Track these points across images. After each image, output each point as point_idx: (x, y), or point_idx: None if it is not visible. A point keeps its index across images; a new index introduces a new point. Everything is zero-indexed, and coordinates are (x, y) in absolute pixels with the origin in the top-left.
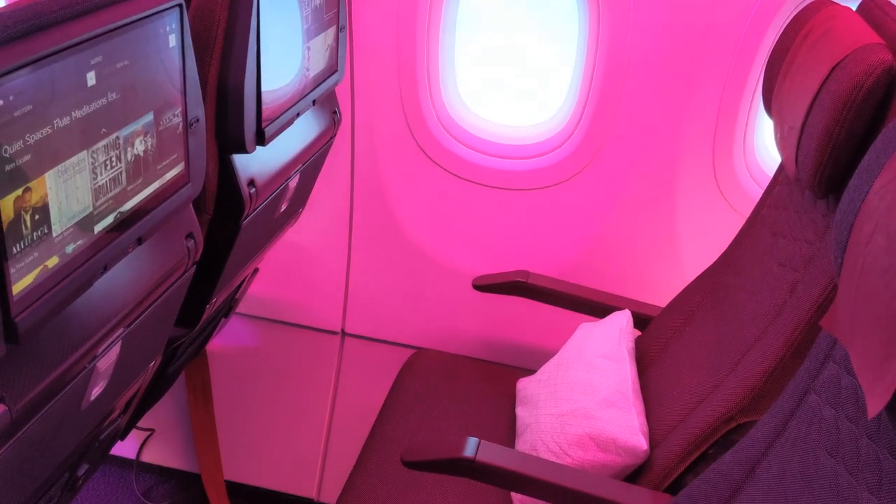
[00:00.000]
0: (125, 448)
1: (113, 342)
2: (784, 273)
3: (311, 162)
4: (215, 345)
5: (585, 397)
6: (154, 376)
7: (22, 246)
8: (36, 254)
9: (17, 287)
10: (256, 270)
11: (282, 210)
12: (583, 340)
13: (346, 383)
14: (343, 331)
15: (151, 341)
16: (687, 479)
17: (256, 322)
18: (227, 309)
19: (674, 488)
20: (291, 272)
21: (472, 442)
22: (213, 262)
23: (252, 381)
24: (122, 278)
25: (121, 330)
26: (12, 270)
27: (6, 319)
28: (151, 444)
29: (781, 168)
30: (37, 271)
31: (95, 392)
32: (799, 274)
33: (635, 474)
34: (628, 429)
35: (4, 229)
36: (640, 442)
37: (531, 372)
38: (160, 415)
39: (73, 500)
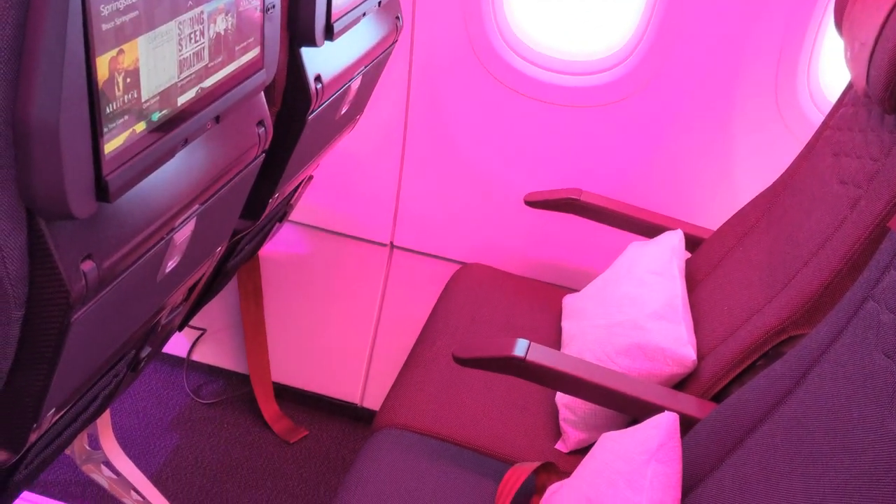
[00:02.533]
0: (177, 347)
1: (189, 217)
2: (846, 190)
3: (372, 65)
4: (268, 251)
5: (634, 310)
6: (215, 269)
7: (114, 107)
8: (126, 117)
9: (109, 147)
10: (311, 178)
11: (342, 112)
12: (633, 257)
13: (393, 295)
14: (392, 243)
15: (220, 224)
16: (732, 389)
17: (308, 230)
18: (283, 214)
19: (719, 398)
20: (344, 183)
21: (522, 343)
22: (278, 155)
23: (302, 287)
24: (200, 155)
25: (196, 206)
26: (105, 130)
27: (98, 177)
28: (202, 343)
29: (848, 89)
30: (126, 134)
31: (170, 265)
32: (861, 190)
33: (681, 384)
34: (677, 339)
35: (100, 88)
36: (689, 352)
37: (577, 291)
38: (212, 315)
39: (129, 390)
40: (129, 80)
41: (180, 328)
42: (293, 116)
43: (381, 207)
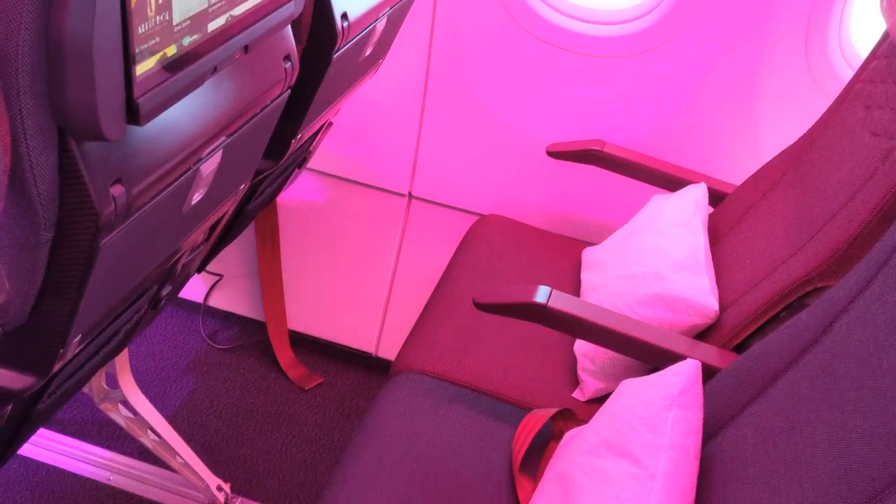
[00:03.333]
0: (194, 292)
1: (216, 149)
2: (877, 142)
3: (397, 7)
4: (286, 198)
5: (656, 261)
6: (235, 210)
7: (146, 28)
8: (157, 39)
9: (140, 69)
10: (331, 125)
11: (366, 54)
12: (655, 210)
13: (410, 246)
14: (410, 194)
15: (245, 161)
16: (753, 342)
17: (326, 179)
18: (302, 159)
19: (740, 350)
20: (364, 132)
21: (544, 289)
22: (302, 95)
23: (319, 236)
24: (228, 86)
25: (223, 138)
26: (136, 51)
27: (129, 99)
28: (219, 289)
29: (882, 41)
30: (157, 57)
31: (196, 198)
32: (894, 142)
33: (702, 335)
34: (699, 290)
35: (133, 6)
36: (711, 302)
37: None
38: (229, 262)
39: (146, 334)
40: (160, 1)
41: (199, 270)
42: (318, 55)
43: (400, 157)
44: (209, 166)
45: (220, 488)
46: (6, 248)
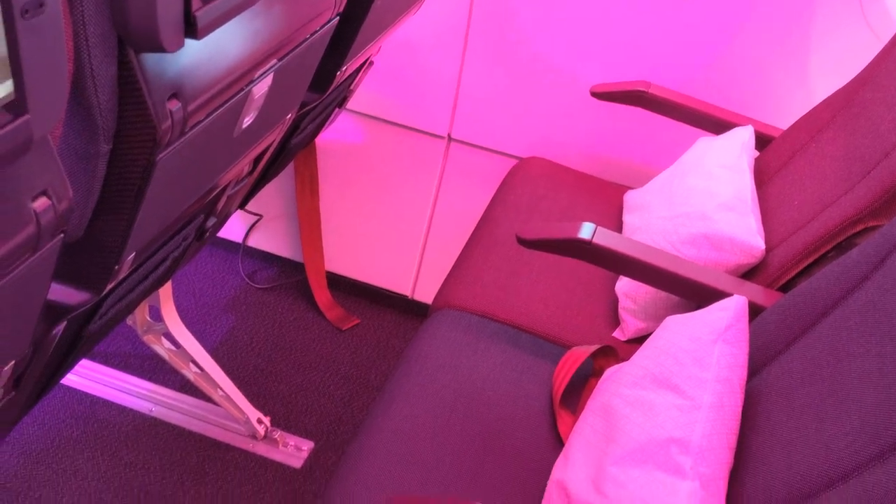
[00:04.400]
0: (233, 232)
1: (267, 71)
2: None
3: None
4: (325, 139)
5: (701, 201)
6: (279, 144)
7: None
8: None
9: None
10: (371, 63)
11: None
12: (701, 152)
13: (448, 188)
14: (449, 136)
15: (293, 88)
16: (799, 282)
17: (365, 120)
18: (343, 98)
19: (786, 289)
20: (404, 73)
21: (588, 226)
22: (348, 26)
23: (357, 178)
24: (280, 10)
25: (275, 61)
26: None
27: (187, 12)
28: (258, 230)
29: None
30: None
31: (246, 121)
32: None
33: (747, 276)
34: (746, 229)
35: None
36: (758, 241)
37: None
38: (269, 202)
39: (187, 272)
40: None
41: (241, 206)
42: None
43: (440, 99)
44: (260, 89)
45: (260, 421)
46: (65, 159)
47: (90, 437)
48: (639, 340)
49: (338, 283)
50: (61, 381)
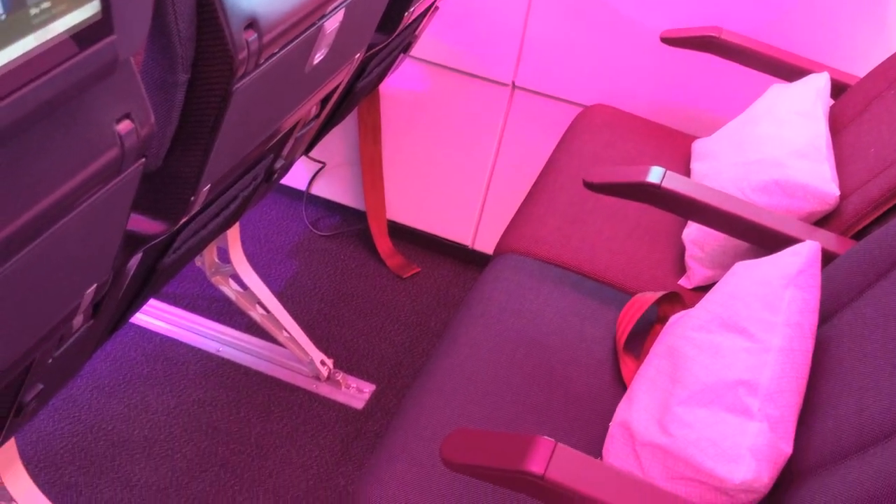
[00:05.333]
0: (297, 180)
1: (339, 6)
2: None
3: None
4: (389, 87)
5: (774, 148)
6: (345, 88)
7: None
8: None
9: None
10: (437, 9)
11: None
12: (774, 98)
13: (512, 137)
14: (514, 83)
15: (362, 27)
16: (873, 230)
17: (430, 67)
18: (408, 44)
19: (859, 237)
20: (469, 19)
21: (658, 170)
22: None
23: (420, 126)
24: None
25: None
26: None
27: None
28: (321, 177)
29: None
30: None
31: (317, 57)
32: None
33: (819, 223)
34: (819, 176)
35: None
36: (832, 188)
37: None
38: (332, 150)
39: (252, 217)
40: None
41: (307, 151)
42: None
43: (504, 46)
44: (331, 24)
45: (323, 363)
46: (145, 87)
47: (159, 375)
48: (704, 289)
49: (399, 232)
50: (132, 321)
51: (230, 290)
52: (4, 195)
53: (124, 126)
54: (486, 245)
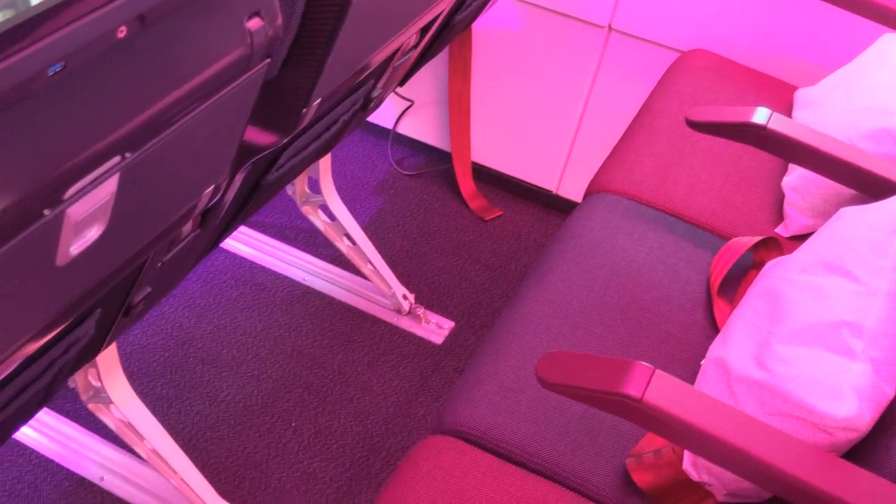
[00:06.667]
0: (384, 118)
1: None
2: None
3: None
4: (481, 26)
5: (885, 96)
6: (442, 22)
7: None
8: None
9: None
10: None
11: None
12: (885, 47)
13: (605, 81)
14: (610, 26)
15: None
16: None
17: (524, 6)
18: None
19: None
20: None
21: (763, 110)
22: None
23: (510, 67)
24: None
25: None
26: None
27: None
28: (408, 116)
29: None
30: None
31: None
32: None
33: None
34: None
35: None
36: None
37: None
38: (421, 88)
39: (338, 154)
40: None
41: (402, 82)
42: None
43: None
44: None
45: (405, 297)
46: None
47: (248, 299)
48: (800, 238)
49: (482, 174)
50: (223, 246)
51: (319, 220)
52: (152, 75)
53: (254, 23)
54: (571, 191)
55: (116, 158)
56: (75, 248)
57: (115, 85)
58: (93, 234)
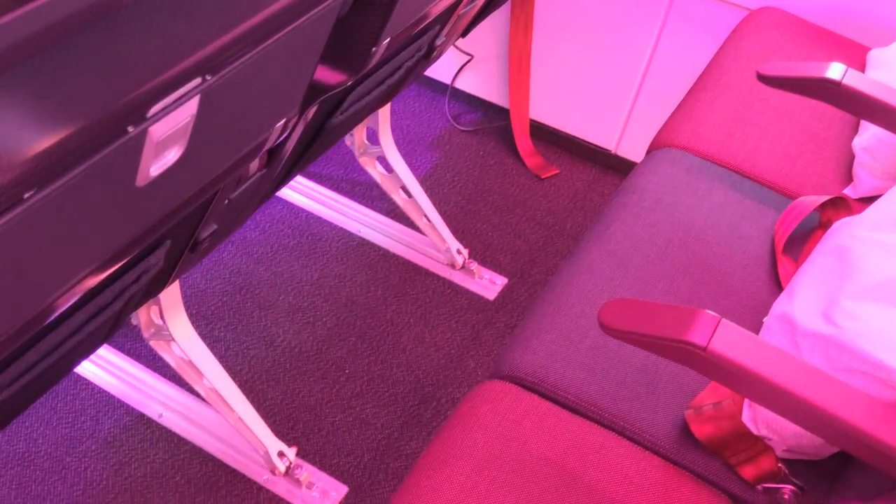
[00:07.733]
0: (443, 73)
1: None
2: None
3: None
4: None
5: None
6: None
7: None
8: None
9: None
10: None
11: None
12: None
13: (668, 41)
14: None
15: None
16: None
17: None
18: None
19: None
20: None
21: (839, 66)
22: None
23: (572, 24)
24: None
25: None
26: None
27: None
28: (467, 71)
29: None
30: None
31: None
32: None
33: None
34: None
35: None
36: None
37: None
38: (481, 43)
39: (395, 109)
40: None
41: (463, 34)
42: None
43: None
44: None
45: (459, 252)
46: None
47: (304, 248)
48: (868, 200)
49: (540, 132)
50: (280, 196)
51: (376, 172)
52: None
53: None
54: (630, 151)
55: (198, 80)
56: (155, 169)
57: (198, 5)
58: (172, 155)
